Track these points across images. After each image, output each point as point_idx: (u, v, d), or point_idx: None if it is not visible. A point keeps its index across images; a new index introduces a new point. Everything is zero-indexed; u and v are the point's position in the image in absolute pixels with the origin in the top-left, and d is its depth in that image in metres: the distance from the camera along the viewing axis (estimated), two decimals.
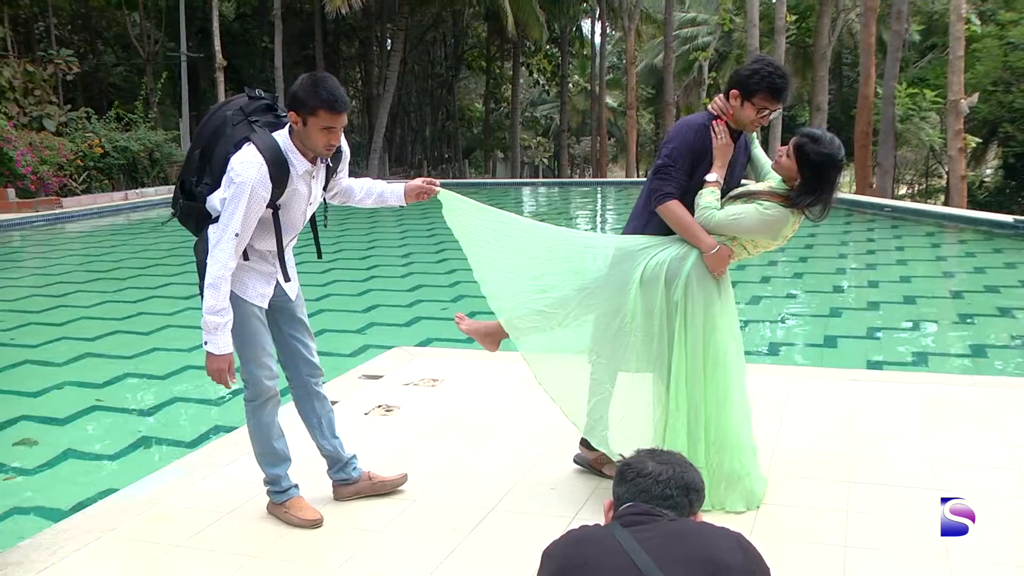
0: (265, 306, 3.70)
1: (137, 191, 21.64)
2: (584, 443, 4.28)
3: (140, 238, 16.66)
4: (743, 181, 4.04)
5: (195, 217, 3.59)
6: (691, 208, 3.82)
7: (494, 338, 4.23)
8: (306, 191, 3.61)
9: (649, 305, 3.80)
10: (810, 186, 3.71)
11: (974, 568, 3.30)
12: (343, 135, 3.63)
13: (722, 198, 3.84)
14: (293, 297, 3.82)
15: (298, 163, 3.51)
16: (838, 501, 3.88)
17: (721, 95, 3.90)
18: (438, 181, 4.10)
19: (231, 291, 3.53)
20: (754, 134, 4.12)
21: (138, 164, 22.64)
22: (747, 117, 3.81)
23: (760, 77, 3.73)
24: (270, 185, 3.41)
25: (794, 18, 28.49)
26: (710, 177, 3.81)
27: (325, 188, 3.78)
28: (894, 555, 3.41)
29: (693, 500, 2.10)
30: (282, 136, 3.50)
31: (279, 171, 3.43)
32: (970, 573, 3.26)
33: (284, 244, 3.66)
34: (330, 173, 3.75)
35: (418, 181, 4.07)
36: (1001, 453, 4.36)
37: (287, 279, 3.72)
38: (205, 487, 4.22)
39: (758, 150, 4.17)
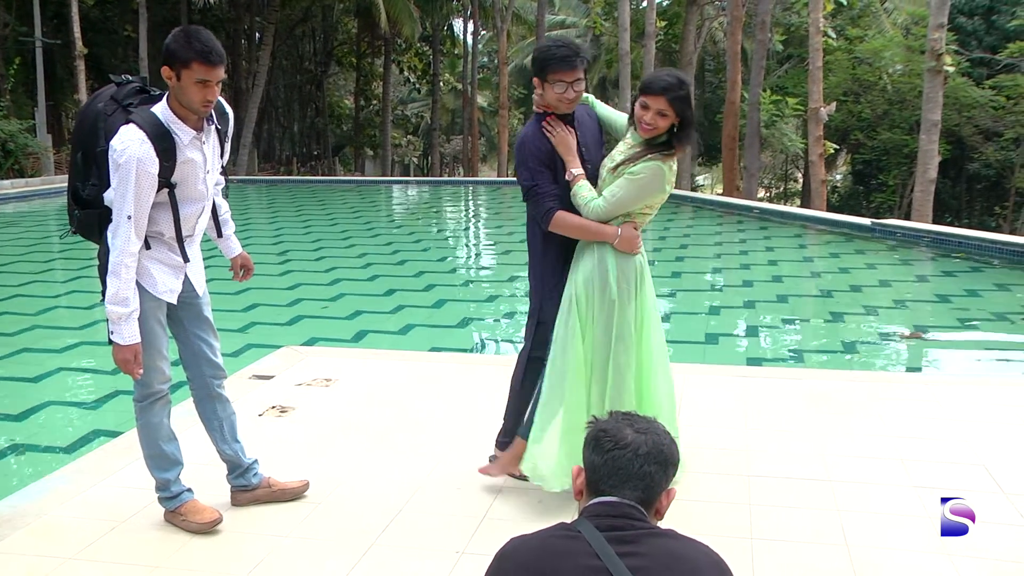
0: (174, 301, 3.55)
1: None
2: (499, 444, 4.26)
3: None
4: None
5: (96, 223, 3.42)
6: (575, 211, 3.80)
7: (517, 459, 4.01)
8: (200, 158, 3.46)
9: (590, 319, 3.79)
10: (687, 122, 3.71)
11: (870, 554, 3.45)
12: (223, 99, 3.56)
13: (599, 178, 3.83)
14: (200, 293, 3.68)
15: (182, 133, 3.37)
16: (741, 494, 3.99)
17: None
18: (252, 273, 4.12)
19: (138, 283, 3.37)
20: (592, 97, 4.12)
21: None
22: (553, 98, 3.77)
23: (541, 54, 3.77)
24: (156, 158, 3.27)
25: (663, 24, 29.20)
26: (570, 176, 3.80)
27: (222, 153, 3.65)
28: (798, 545, 3.53)
29: (671, 475, 2.01)
30: (160, 108, 3.36)
31: (163, 142, 3.29)
32: (867, 559, 3.41)
33: (191, 227, 3.55)
34: (222, 138, 3.62)
35: (240, 260, 4.07)
36: (884, 444, 4.57)
37: (186, 259, 3.56)
38: (96, 495, 4.01)
39: (603, 109, 4.14)
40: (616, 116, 4.10)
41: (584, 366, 3.81)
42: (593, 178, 3.86)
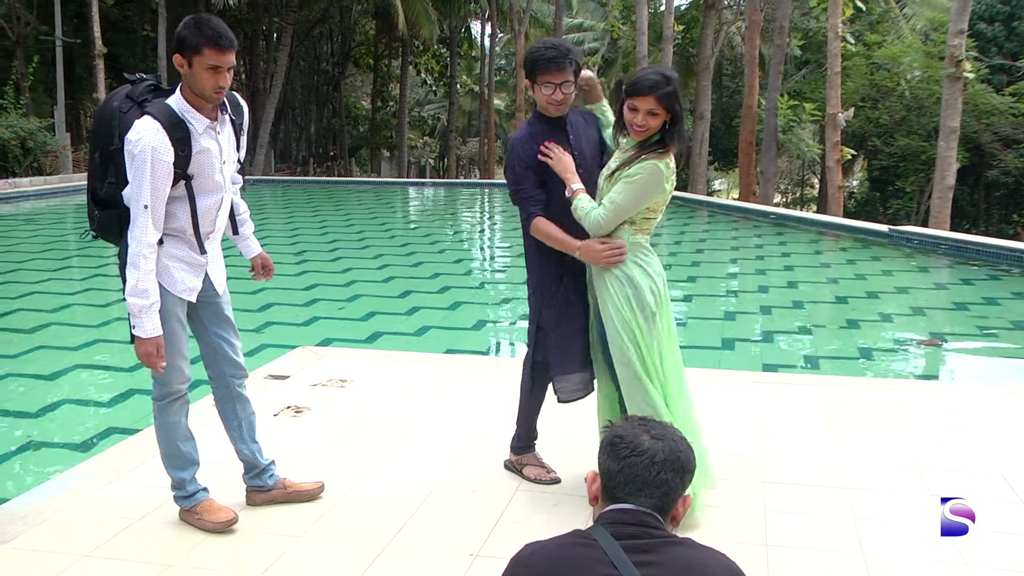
0: (193, 299, 3.56)
1: (9, 181, 20.48)
2: (514, 449, 4.27)
3: (15, 231, 15.76)
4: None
5: (116, 223, 3.44)
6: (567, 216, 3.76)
7: None
8: (216, 147, 3.47)
9: (639, 335, 3.74)
10: (677, 118, 3.64)
11: (886, 562, 3.42)
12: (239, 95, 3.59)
13: (596, 187, 3.78)
14: (220, 292, 3.68)
15: (196, 122, 3.38)
16: (756, 501, 3.97)
17: None
18: (272, 273, 4.14)
19: (159, 283, 3.38)
20: (601, 105, 4.06)
21: (9, 153, 21.47)
22: (542, 100, 3.75)
23: (531, 55, 3.72)
24: (171, 147, 3.28)
25: (681, 28, 29.18)
26: (569, 192, 3.75)
27: (238, 147, 3.66)
28: (814, 552, 3.51)
29: (687, 482, 1.98)
30: (174, 98, 3.38)
31: (178, 131, 3.31)
32: (883, 567, 3.39)
33: (210, 223, 3.56)
34: (237, 130, 3.63)
35: (260, 260, 4.07)
36: (900, 451, 4.54)
37: (203, 251, 3.57)
38: (111, 493, 4.02)
39: (604, 118, 4.07)
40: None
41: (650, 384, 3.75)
42: (590, 182, 3.80)
